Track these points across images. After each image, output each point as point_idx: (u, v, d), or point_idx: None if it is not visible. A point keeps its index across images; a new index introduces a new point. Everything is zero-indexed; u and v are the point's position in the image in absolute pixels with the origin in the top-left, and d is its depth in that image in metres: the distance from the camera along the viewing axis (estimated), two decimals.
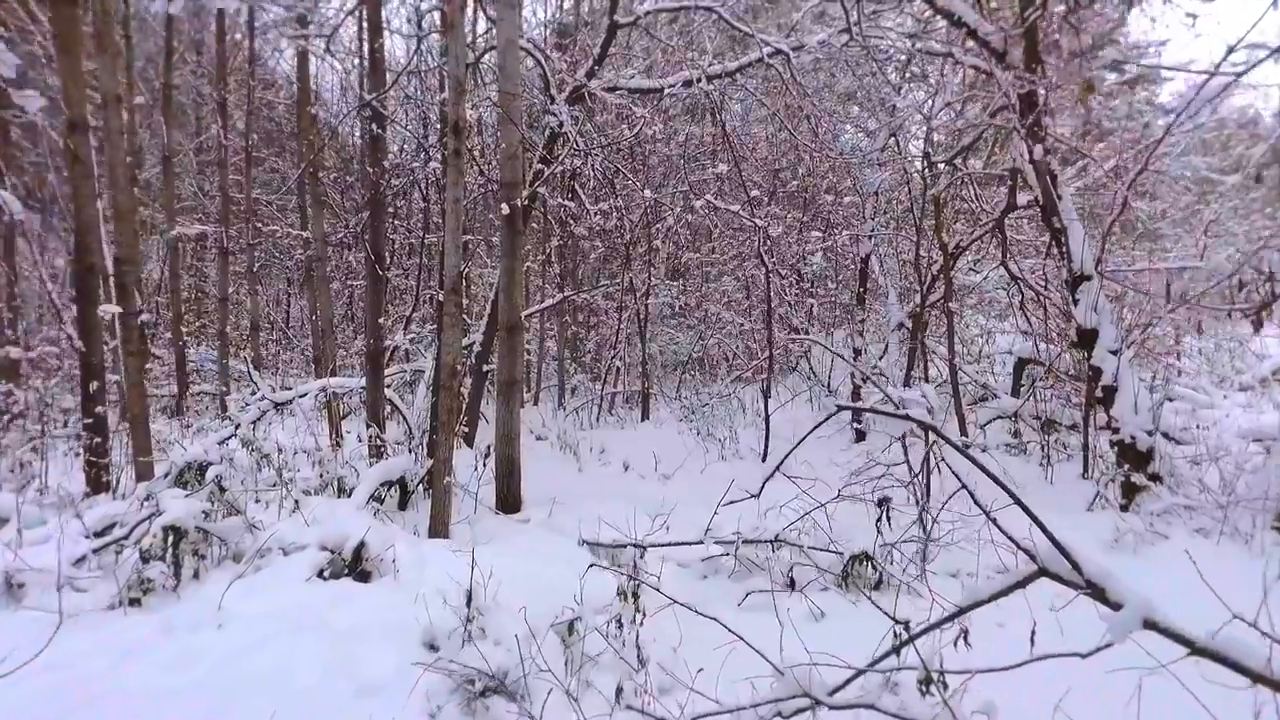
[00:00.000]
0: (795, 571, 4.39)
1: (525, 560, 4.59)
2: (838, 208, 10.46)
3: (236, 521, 4.73)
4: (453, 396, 5.10)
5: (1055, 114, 6.72)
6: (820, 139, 9.85)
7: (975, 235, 8.59)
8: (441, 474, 5.07)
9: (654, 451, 7.68)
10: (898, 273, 11.02)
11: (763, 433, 8.88)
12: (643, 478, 7.15)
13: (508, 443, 6.15)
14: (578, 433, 9.41)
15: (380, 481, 5.55)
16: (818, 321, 13.62)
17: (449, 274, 5.06)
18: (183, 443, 8.44)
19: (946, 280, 8.28)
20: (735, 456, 7.96)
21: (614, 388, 11.35)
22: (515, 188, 6.01)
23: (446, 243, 5.06)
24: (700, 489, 6.72)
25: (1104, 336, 6.10)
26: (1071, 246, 6.27)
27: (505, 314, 6.12)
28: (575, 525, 5.30)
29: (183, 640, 3.54)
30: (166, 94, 10.76)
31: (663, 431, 9.62)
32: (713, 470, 7.27)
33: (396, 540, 4.59)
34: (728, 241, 12.18)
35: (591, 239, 10.72)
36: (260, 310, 12.97)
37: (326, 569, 4.39)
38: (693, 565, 4.71)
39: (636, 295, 11.11)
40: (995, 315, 11.66)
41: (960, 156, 8.48)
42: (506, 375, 6.16)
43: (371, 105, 6.72)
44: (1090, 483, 6.89)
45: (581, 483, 7.07)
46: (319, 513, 5.13)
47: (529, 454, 8.22)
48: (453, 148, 5.00)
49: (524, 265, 12.54)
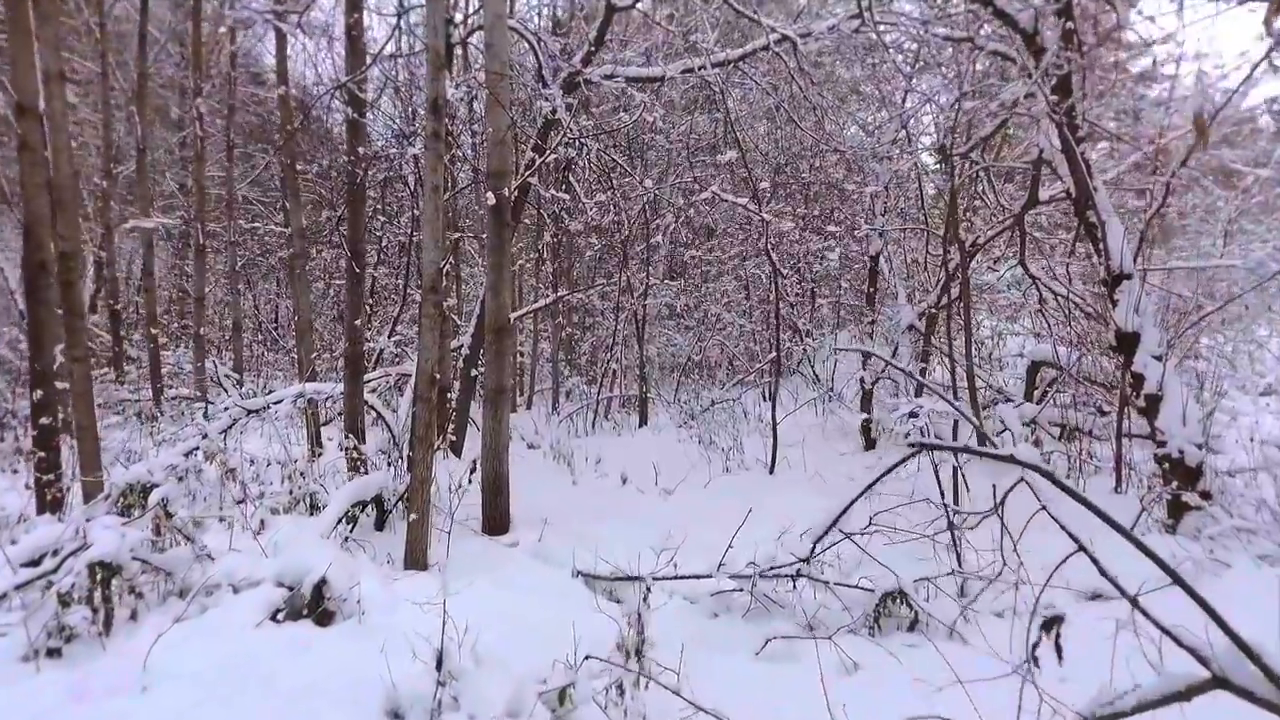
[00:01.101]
0: (821, 613, 3.78)
1: (512, 598, 3.98)
2: (846, 204, 9.86)
3: (184, 551, 4.11)
4: (432, 409, 4.48)
5: (1092, 98, 6.13)
6: (827, 132, 9.27)
7: (994, 231, 8.00)
8: (419, 497, 4.45)
9: (654, 463, 7.07)
10: (904, 272, 10.47)
11: (768, 440, 8.29)
12: (642, 492, 6.54)
13: (495, 457, 5.53)
14: (572, 440, 8.80)
15: (352, 502, 4.92)
16: (821, 323, 13.04)
17: (428, 271, 4.44)
18: (146, 454, 7.79)
19: (964, 279, 7.67)
20: (741, 468, 7.36)
21: (610, 392, 10.73)
22: (504, 177, 5.40)
23: (425, 236, 4.45)
24: (706, 505, 6.11)
25: (1146, 340, 5.52)
26: (1110, 243, 5.68)
27: (493, 315, 5.51)
28: (569, 550, 4.69)
29: (97, 707, 2.92)
30: (141, 83, 10.11)
31: (662, 439, 9.01)
32: (718, 484, 6.66)
33: (364, 575, 3.98)
34: (729, 240, 11.58)
35: (587, 235, 10.10)
36: (243, 310, 12.31)
37: (283, 609, 3.77)
38: (702, 600, 4.10)
39: (634, 295, 10.49)
40: (1006, 317, 11.10)
41: (978, 149, 7.90)
42: (494, 383, 5.54)
43: (349, 89, 6.10)
44: (1124, 498, 6.31)
45: (576, 498, 6.45)
46: (283, 537, 4.50)
47: (520, 463, 7.60)
48: (431, 129, 4.38)
49: (514, 262, 11.93)
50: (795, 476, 7.01)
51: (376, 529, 5.58)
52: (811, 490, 6.41)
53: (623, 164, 7.64)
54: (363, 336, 6.42)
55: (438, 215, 4.42)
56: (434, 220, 4.40)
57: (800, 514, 5.71)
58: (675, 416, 10.10)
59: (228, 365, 12.68)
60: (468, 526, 5.47)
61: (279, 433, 8.08)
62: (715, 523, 5.62)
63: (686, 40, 7.93)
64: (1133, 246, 5.86)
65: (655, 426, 9.82)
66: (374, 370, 11.17)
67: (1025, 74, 6.45)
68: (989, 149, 8.24)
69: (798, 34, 7.49)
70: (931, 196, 10.15)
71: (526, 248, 11.61)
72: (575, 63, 7.11)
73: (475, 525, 5.63)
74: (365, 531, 5.43)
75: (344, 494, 4.83)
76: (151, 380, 9.86)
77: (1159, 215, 6.02)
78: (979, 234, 8.35)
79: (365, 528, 5.55)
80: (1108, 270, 5.74)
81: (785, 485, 6.65)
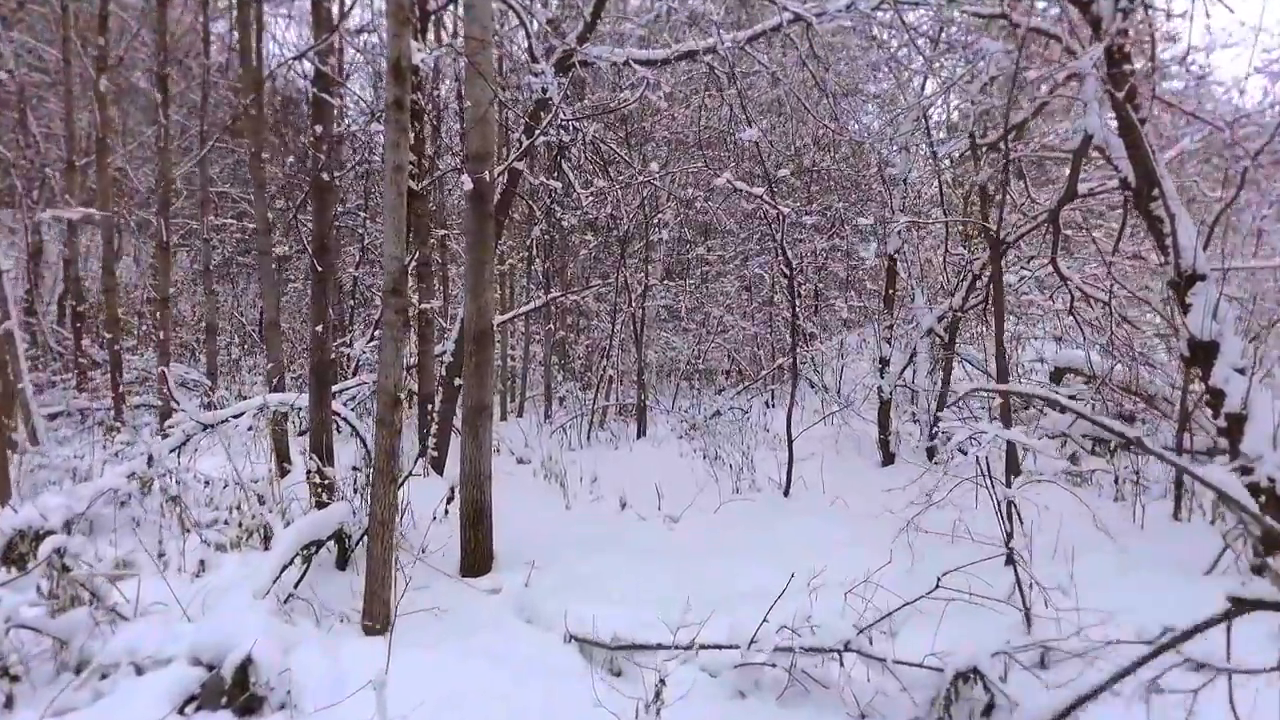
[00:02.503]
0: (878, 700, 2.95)
1: (487, 675, 3.14)
2: (867, 199, 9.03)
3: (80, 615, 3.26)
4: (394, 435, 3.64)
5: (1160, 73, 5.32)
6: (839, 122, 8.44)
7: (1028, 227, 7.18)
8: (379, 543, 3.61)
9: (656, 484, 6.23)
10: (919, 273, 9.65)
11: (778, 454, 7.46)
12: (644, 519, 5.70)
13: (475, 486, 4.69)
14: (565, 454, 7.96)
15: (305, 543, 4.07)
16: (824, 325, 12.24)
17: (389, 269, 3.60)
18: (94, 472, 6.92)
19: (996, 278, 6.84)
20: (752, 489, 6.53)
21: (606, 400, 9.89)
22: (485, 159, 4.55)
23: (386, 227, 3.60)
24: (717, 536, 5.28)
25: (1227, 350, 4.71)
26: (1181, 239, 4.87)
27: (473, 320, 4.66)
28: (560, 602, 3.85)
29: None
30: (100, 66, 9.23)
31: (663, 453, 8.18)
32: (729, 511, 5.83)
33: (304, 646, 3.14)
34: (731, 238, 10.74)
35: (581, 231, 9.23)
36: (218, 311, 11.41)
37: (198, 696, 2.93)
38: (724, 674, 3.27)
39: (631, 296, 9.65)
40: (1023, 320, 10.30)
41: (1010, 137, 7.08)
42: (474, 399, 4.70)
43: (313, 62, 5.25)
44: (1187, 527, 5.52)
45: (569, 526, 5.62)
46: (216, 587, 3.67)
47: (508, 482, 6.76)
48: (393, 96, 3.54)
49: (502, 261, 11.04)
50: (814, 500, 6.19)
51: (338, 567, 4.73)
52: (835, 518, 5.59)
53: (620, 154, 6.78)
54: (328, 344, 5.56)
55: (401, 201, 3.58)
56: (396, 208, 3.56)
57: (827, 548, 4.89)
58: (676, 426, 9.28)
59: (202, 370, 11.80)
60: (441, 570, 4.62)
61: (243, 449, 7.22)
62: (729, 559, 4.80)
63: (691, 17, 7.10)
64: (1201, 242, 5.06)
65: (655, 438, 8.99)
66: (352, 378, 10.31)
67: (1068, 53, 5.65)
68: (1022, 137, 7.42)
69: (813, 13, 6.67)
70: (949, 189, 9.35)
71: (517, 245, 10.74)
72: (570, 40, 6.27)
73: (453, 562, 4.79)
74: (325, 570, 4.58)
75: (290, 536, 3.97)
76: (112, 387, 8.97)
77: (1229, 209, 5.22)
78: (1009, 230, 7.55)
79: (326, 564, 4.70)
80: (1177, 270, 4.92)
81: (804, 511, 5.83)
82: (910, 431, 8.18)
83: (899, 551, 4.41)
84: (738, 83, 6.35)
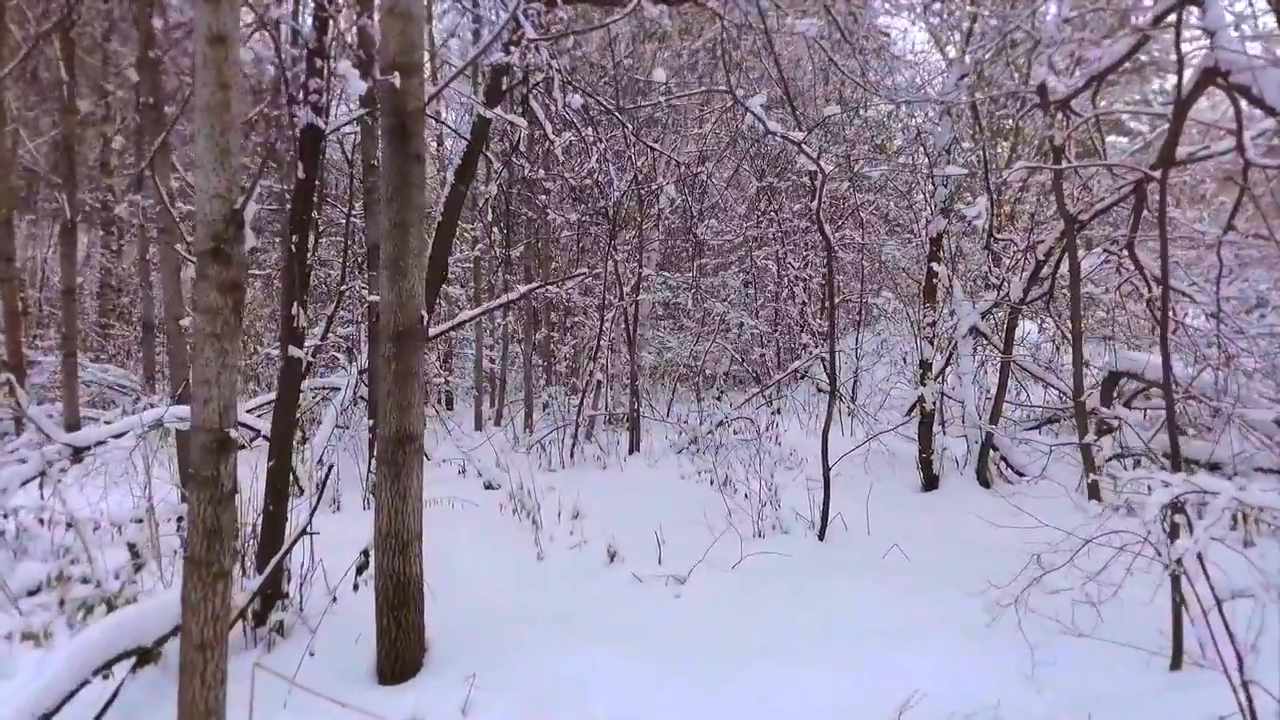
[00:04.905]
0: None
1: None
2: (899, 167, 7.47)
3: None
4: (219, 500, 2.05)
5: None
6: (871, 81, 6.91)
7: (1108, 201, 5.64)
8: (196, 677, 2.02)
9: (656, 530, 4.61)
10: (950, 264, 8.12)
11: (799, 476, 5.91)
12: (640, 580, 4.10)
13: (397, 551, 3.09)
14: (544, 477, 6.37)
15: (101, 664, 2.46)
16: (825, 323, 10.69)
17: (203, 220, 2.00)
18: None
19: (1072, 259, 5.25)
20: (778, 530, 4.94)
21: (594, 409, 8.30)
22: (410, 71, 2.97)
23: (199, 149, 2.01)
24: (741, 611, 3.69)
25: None
26: None
27: (391, 311, 3.07)
28: None
29: None
30: None
31: (660, 474, 6.61)
32: (753, 565, 4.22)
33: None
34: (736, 222, 9.17)
35: (559, 201, 7.60)
36: (154, 307, 9.73)
37: None
38: None
39: (623, 290, 8.07)
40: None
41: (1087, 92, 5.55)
42: (395, 424, 3.11)
43: None
44: None
45: (539, 591, 4.02)
46: None
47: (466, 517, 5.17)
48: None
49: (470, 242, 9.39)
50: (859, 546, 4.62)
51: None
52: (892, 579, 4.01)
53: (605, 103, 5.13)
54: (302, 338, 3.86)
55: (226, 105, 1.99)
56: (216, 111, 1.97)
57: (899, 635, 3.32)
58: (674, 440, 7.70)
59: (137, 373, 10.13)
60: (344, 675, 3.04)
61: (137, 476, 5.59)
62: (765, 657, 3.22)
63: None
64: None
65: (650, 453, 7.41)
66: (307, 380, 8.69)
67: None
68: (1104, 92, 5.90)
69: None
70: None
71: (472, 215, 8.99)
72: None
73: (367, 657, 3.20)
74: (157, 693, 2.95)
75: (79, 652, 2.37)
76: (66, 394, 7.27)
77: None
78: (1083, 206, 6.02)
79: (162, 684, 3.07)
80: None
81: (852, 567, 4.24)
82: (958, 454, 6.65)
83: (1004, 647, 2.86)
84: (764, 22, 4.76)
